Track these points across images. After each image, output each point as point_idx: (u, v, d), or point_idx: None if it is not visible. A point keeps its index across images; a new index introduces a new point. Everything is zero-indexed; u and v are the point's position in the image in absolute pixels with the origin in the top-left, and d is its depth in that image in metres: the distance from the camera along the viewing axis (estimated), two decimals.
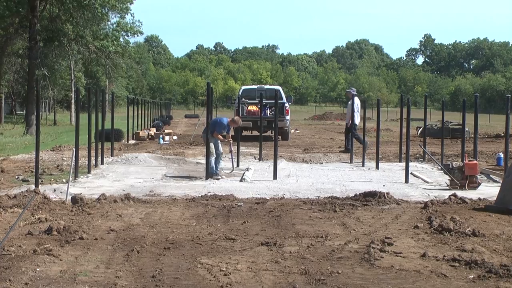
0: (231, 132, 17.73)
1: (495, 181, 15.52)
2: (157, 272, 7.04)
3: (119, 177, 15.81)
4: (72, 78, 54.71)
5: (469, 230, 9.22)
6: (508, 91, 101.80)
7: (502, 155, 17.82)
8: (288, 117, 30.13)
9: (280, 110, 27.61)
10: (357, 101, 23.64)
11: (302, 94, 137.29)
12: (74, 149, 14.14)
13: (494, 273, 7.06)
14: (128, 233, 9.00)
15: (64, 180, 14.42)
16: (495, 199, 11.69)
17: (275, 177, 15.52)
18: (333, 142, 29.34)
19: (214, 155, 15.61)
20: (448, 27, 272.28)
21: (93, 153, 17.17)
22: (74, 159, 13.26)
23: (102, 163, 18.35)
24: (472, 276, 7.03)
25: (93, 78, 70.12)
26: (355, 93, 24.22)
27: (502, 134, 29.53)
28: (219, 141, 15.89)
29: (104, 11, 42.01)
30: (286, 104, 30.10)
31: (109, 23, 47.03)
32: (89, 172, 16.17)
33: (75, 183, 14.35)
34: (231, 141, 16.70)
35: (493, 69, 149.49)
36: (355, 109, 23.07)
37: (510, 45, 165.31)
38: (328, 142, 29.91)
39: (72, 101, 54.68)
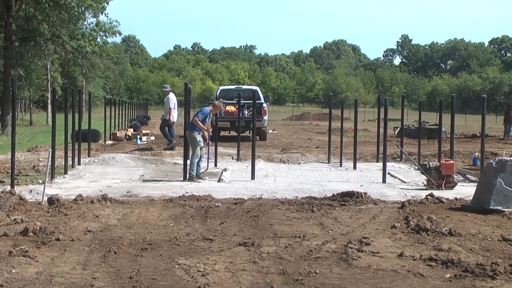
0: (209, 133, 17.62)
1: (472, 181, 15.66)
2: (134, 273, 7.00)
3: (96, 177, 15.72)
4: (49, 78, 54.30)
5: (446, 230, 9.28)
6: (484, 91, 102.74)
7: (478, 155, 17.97)
8: (266, 118, 30.15)
9: (258, 110, 27.63)
10: (172, 97, 23.85)
11: (280, 94, 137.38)
12: (51, 149, 14.05)
13: (470, 272, 7.11)
14: (105, 234, 8.95)
15: (40, 181, 14.30)
16: (471, 198, 11.79)
17: (253, 177, 15.53)
18: (311, 143, 29.41)
19: (198, 156, 15.45)
20: (425, 28, 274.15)
21: (69, 153, 17.07)
22: (50, 159, 13.17)
23: (79, 163, 18.24)
24: (448, 275, 7.08)
25: (70, 78, 69.62)
26: (169, 89, 24.68)
27: (478, 134, 29.79)
28: (202, 142, 15.75)
29: (80, 11, 41.73)
30: (264, 105, 30.11)
31: (85, 23, 46.71)
32: (65, 172, 16.07)
33: (52, 184, 14.25)
34: (210, 131, 16.55)
35: (469, 69, 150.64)
36: (172, 106, 23.43)
37: (485, 46, 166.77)
38: (305, 142, 29.98)
39: (49, 102, 54.25)
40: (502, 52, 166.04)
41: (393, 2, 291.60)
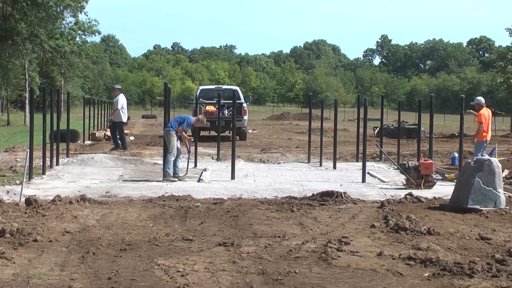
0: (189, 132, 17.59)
1: (450, 180, 15.74)
2: (113, 273, 6.96)
3: (74, 178, 15.62)
4: (26, 78, 53.82)
5: (425, 229, 9.33)
6: (463, 91, 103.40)
7: (456, 155, 18.09)
8: (246, 117, 30.14)
9: (238, 110, 27.59)
10: (122, 98, 23.58)
11: (260, 94, 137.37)
12: (28, 149, 13.92)
13: (448, 270, 7.15)
14: (84, 235, 8.89)
15: (17, 182, 14.17)
16: (449, 198, 11.86)
17: (233, 177, 15.51)
18: (291, 142, 29.45)
19: (174, 155, 15.39)
20: (404, 28, 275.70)
21: (48, 154, 16.92)
22: (28, 160, 13.06)
23: (57, 164, 18.10)
24: (427, 274, 7.11)
25: (48, 78, 68.95)
26: (118, 87, 24.46)
27: (457, 134, 29.99)
28: (178, 141, 15.71)
29: (59, 10, 41.47)
30: (244, 104, 30.11)
31: (64, 22, 46.45)
32: (43, 173, 15.94)
33: (29, 184, 14.13)
34: (192, 139, 16.54)
35: (448, 69, 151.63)
36: (119, 107, 23.15)
37: (464, 46, 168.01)
38: (285, 142, 30.01)
39: (26, 101, 53.84)
40: (480, 52, 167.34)
41: (372, 3, 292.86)
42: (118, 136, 23.36)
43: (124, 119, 23.89)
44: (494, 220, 10.43)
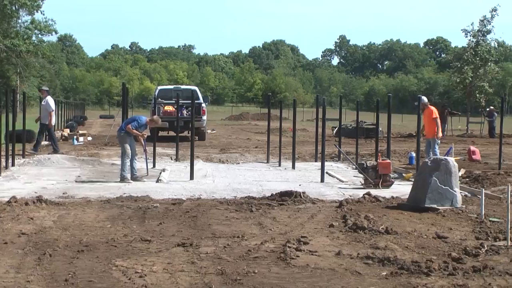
0: (147, 132, 17.43)
1: (408, 180, 15.91)
2: (70, 275, 6.87)
3: (31, 179, 15.38)
4: None
5: (383, 228, 9.41)
6: (420, 91, 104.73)
7: (414, 154, 18.30)
8: (204, 117, 30.07)
9: (196, 110, 27.47)
10: (51, 100, 23.18)
11: (219, 94, 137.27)
12: None
13: (406, 269, 7.23)
14: (40, 236, 8.77)
15: None
16: (407, 197, 11.99)
17: (191, 177, 15.45)
18: (250, 142, 29.46)
19: (129, 156, 15.24)
20: (362, 29, 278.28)
21: (3, 154, 16.64)
22: None
23: (13, 165, 17.80)
24: (385, 273, 7.17)
25: (3, 77, 67.88)
26: (46, 89, 24.05)
27: (414, 134, 30.34)
28: (133, 142, 15.58)
29: (14, 9, 40.83)
30: (203, 104, 30.04)
31: (20, 21, 45.77)
32: None
33: None
34: (145, 136, 16.30)
35: (406, 70, 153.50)
36: (52, 109, 22.66)
37: (421, 47, 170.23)
38: (244, 142, 30.01)
39: None
40: (437, 53, 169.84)
41: (331, 3, 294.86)
42: (39, 137, 22.64)
43: (53, 121, 23.21)
44: (451, 219, 10.58)
